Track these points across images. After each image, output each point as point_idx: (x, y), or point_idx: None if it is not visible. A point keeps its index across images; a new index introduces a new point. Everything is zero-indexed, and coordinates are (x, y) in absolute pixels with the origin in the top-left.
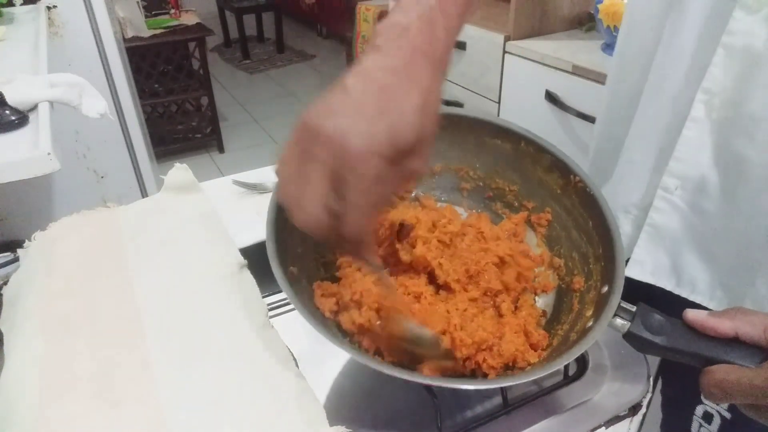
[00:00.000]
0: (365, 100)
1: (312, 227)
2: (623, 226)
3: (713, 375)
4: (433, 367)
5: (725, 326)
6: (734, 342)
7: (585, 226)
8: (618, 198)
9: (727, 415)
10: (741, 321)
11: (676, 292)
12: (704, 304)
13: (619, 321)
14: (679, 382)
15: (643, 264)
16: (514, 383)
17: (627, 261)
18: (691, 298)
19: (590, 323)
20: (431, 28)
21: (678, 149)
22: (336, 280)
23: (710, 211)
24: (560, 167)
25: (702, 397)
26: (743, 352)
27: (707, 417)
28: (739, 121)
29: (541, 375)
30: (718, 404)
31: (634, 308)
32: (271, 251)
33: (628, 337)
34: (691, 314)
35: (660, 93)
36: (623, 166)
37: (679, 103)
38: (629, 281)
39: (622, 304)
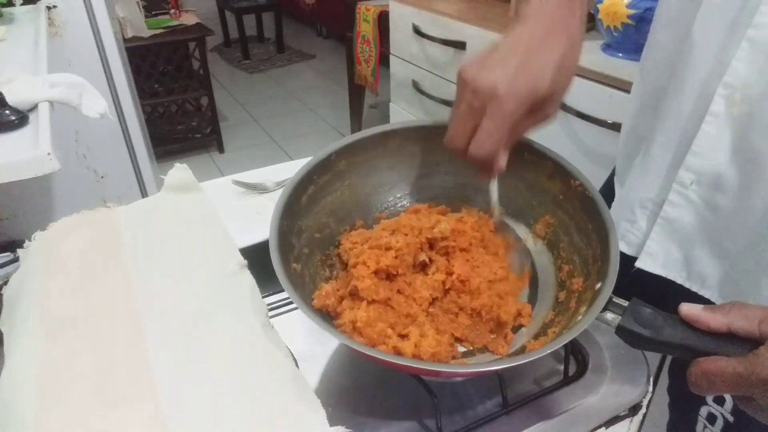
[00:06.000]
0: (512, 58)
1: (453, 147)
2: (639, 221)
3: (700, 365)
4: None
5: (717, 322)
6: (727, 335)
7: (585, 229)
8: (635, 193)
9: (730, 418)
10: (735, 315)
11: (686, 285)
12: (713, 299)
13: (610, 315)
14: (686, 381)
15: (655, 256)
16: (501, 367)
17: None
18: (701, 293)
19: (580, 317)
20: (570, 6)
21: (696, 144)
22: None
23: (724, 207)
24: (561, 173)
25: (706, 398)
26: (734, 345)
27: (711, 418)
28: (759, 117)
29: (527, 360)
30: (705, 395)
31: (626, 303)
32: (273, 245)
33: (620, 331)
34: (685, 308)
35: (682, 88)
36: (643, 161)
37: (700, 97)
38: (642, 281)
39: (614, 300)
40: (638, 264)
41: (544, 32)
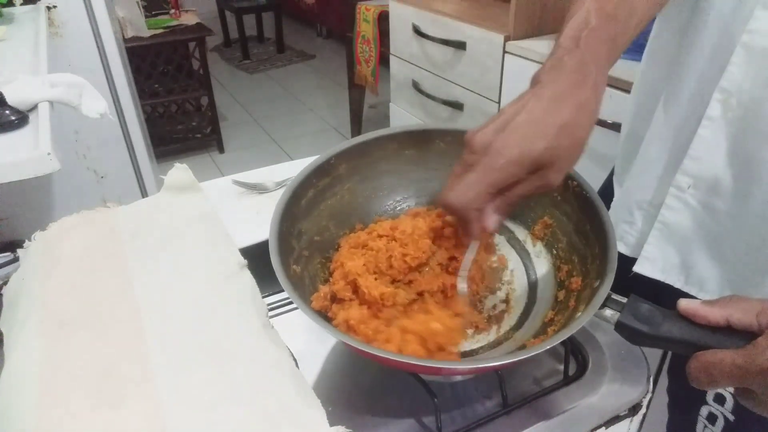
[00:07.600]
0: (509, 121)
1: (447, 203)
2: (637, 222)
3: (699, 359)
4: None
5: (716, 315)
6: (725, 329)
7: (583, 229)
8: (633, 194)
9: (731, 417)
10: (733, 308)
11: (685, 290)
12: None
13: (608, 312)
14: (686, 381)
15: (654, 261)
16: (501, 363)
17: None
18: (699, 296)
19: (579, 314)
20: (583, 71)
21: (693, 148)
22: None
23: (722, 210)
24: None
25: (707, 398)
26: (733, 338)
27: (711, 418)
28: (755, 121)
29: (525, 357)
30: (705, 389)
31: (625, 300)
32: (273, 247)
33: (619, 327)
34: (684, 303)
35: (679, 92)
36: (639, 163)
37: (696, 102)
38: (639, 286)
39: (613, 296)
40: (636, 269)
41: (550, 97)
